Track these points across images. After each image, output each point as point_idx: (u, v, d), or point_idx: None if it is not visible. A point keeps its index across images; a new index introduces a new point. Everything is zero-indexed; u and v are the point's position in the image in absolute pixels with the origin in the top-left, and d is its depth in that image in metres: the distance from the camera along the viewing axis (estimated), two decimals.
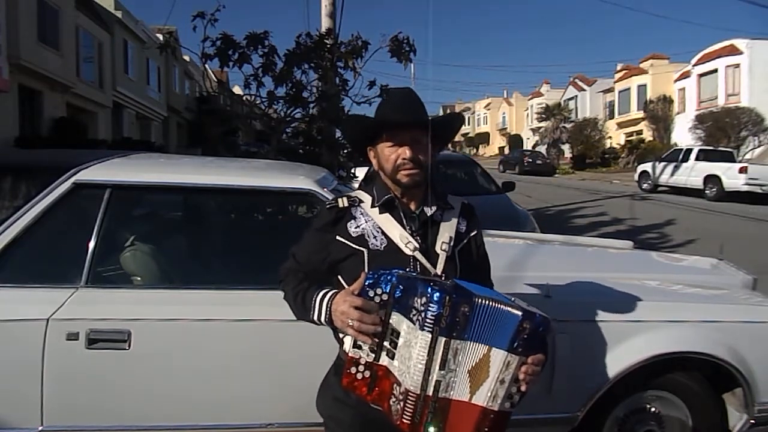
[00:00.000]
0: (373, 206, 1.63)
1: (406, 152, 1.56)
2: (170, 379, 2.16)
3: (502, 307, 1.41)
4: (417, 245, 1.57)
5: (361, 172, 8.54)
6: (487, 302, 1.40)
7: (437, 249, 1.60)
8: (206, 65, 6.05)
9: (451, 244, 1.62)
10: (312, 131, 6.25)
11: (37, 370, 2.06)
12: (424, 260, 1.57)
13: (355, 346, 1.45)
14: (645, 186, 20.03)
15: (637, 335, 2.35)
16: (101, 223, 2.25)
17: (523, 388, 1.44)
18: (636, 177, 20.88)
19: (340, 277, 1.61)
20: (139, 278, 2.41)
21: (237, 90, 15.46)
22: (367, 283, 1.43)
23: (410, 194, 1.63)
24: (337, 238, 1.61)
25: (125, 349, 2.09)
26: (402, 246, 1.57)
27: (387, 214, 1.61)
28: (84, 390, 2.12)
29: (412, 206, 1.64)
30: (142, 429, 2.16)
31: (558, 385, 2.30)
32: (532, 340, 1.40)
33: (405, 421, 1.39)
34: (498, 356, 1.39)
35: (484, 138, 64.47)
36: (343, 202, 1.64)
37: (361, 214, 1.63)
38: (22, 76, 15.31)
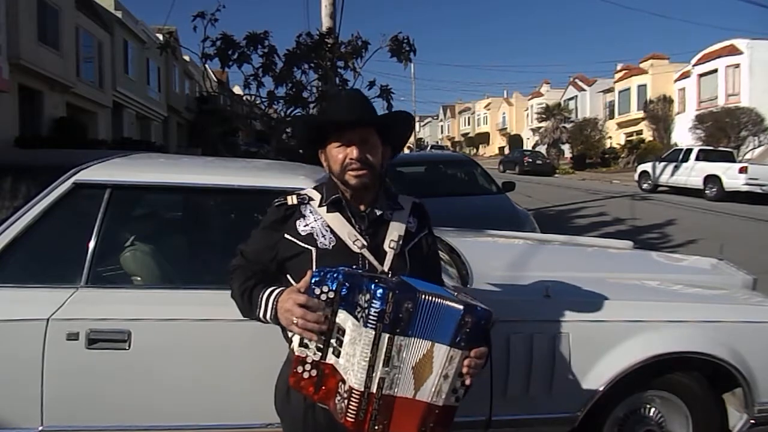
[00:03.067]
0: (320, 205, 1.62)
1: (353, 152, 1.55)
2: (170, 379, 2.15)
3: (444, 302, 1.40)
4: (365, 243, 1.57)
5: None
6: (430, 298, 1.39)
7: (385, 247, 1.59)
8: (206, 65, 6.05)
9: (400, 242, 1.61)
10: None
11: (37, 370, 2.06)
12: (371, 257, 1.56)
13: (302, 344, 1.45)
14: (645, 186, 20.02)
15: (637, 335, 2.35)
16: (101, 223, 2.25)
17: (467, 382, 1.44)
18: (636, 177, 20.86)
19: (288, 276, 1.61)
20: (139, 278, 2.41)
21: (237, 90, 15.46)
22: (313, 281, 1.42)
23: (360, 195, 1.62)
24: (286, 236, 1.60)
25: (125, 349, 2.09)
26: (350, 244, 1.57)
27: (336, 213, 1.61)
28: (84, 390, 2.11)
29: (362, 207, 1.62)
30: (142, 429, 2.16)
31: (558, 385, 2.30)
32: (474, 333, 1.41)
33: (349, 419, 1.39)
34: (441, 351, 1.39)
35: (484, 138, 64.45)
36: (292, 200, 1.64)
37: (311, 212, 1.62)
38: (22, 76, 15.31)
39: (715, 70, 27.76)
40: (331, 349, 1.42)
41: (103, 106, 21.33)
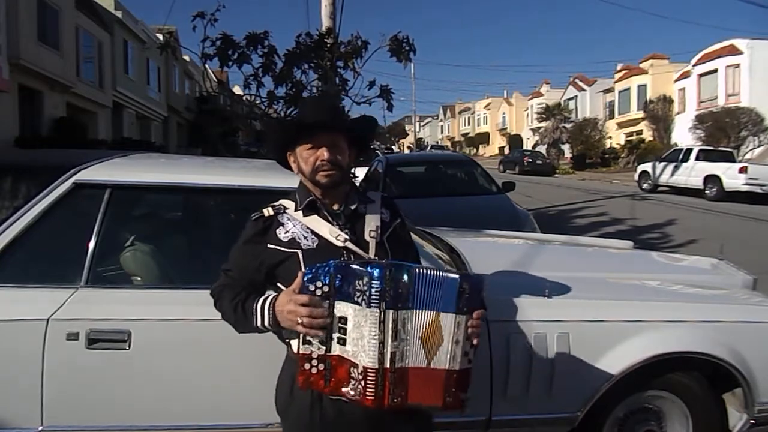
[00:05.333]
0: (296, 210, 1.68)
1: (324, 154, 1.63)
2: (170, 379, 2.16)
3: (440, 273, 1.50)
4: (347, 237, 1.64)
5: (361, 173, 8.53)
6: (424, 271, 1.48)
7: (366, 237, 1.67)
8: (206, 65, 6.04)
9: (379, 231, 1.69)
10: None
11: (37, 370, 2.06)
12: (356, 248, 1.63)
13: (305, 342, 1.49)
14: (645, 186, 20.02)
15: (637, 335, 2.35)
16: (101, 223, 2.25)
17: (474, 342, 1.52)
18: (636, 177, 20.87)
19: (279, 284, 1.65)
20: (139, 278, 2.41)
21: (237, 90, 15.46)
22: (306, 279, 1.47)
23: (331, 195, 1.70)
24: (269, 246, 1.65)
25: (125, 349, 2.09)
26: (333, 240, 1.63)
27: (313, 216, 1.67)
28: (84, 390, 2.12)
29: (335, 207, 1.70)
30: (142, 429, 2.16)
31: (558, 385, 2.30)
32: (472, 298, 1.50)
33: (369, 397, 1.44)
34: (448, 320, 1.47)
35: (484, 138, 64.44)
36: (268, 212, 1.70)
37: (288, 219, 1.68)
38: (22, 76, 15.31)
39: (715, 70, 27.75)
40: (335, 340, 1.47)
41: (103, 106, 21.33)
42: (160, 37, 13.62)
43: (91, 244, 2.22)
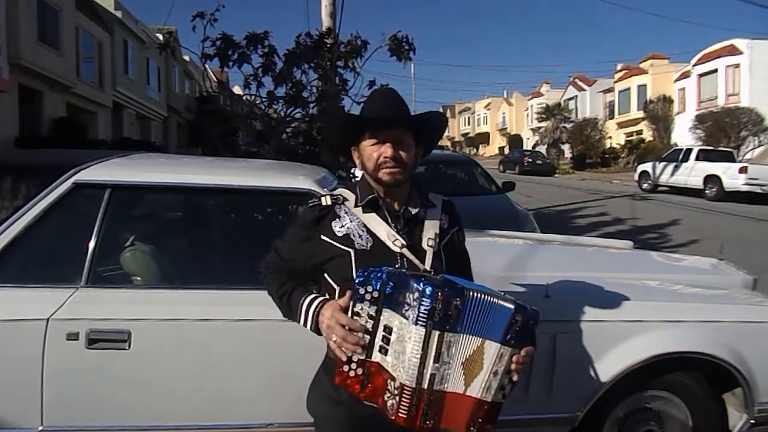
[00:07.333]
0: (356, 205, 1.62)
1: (387, 150, 1.56)
2: (170, 379, 2.16)
3: (494, 300, 1.43)
4: (404, 242, 1.57)
5: (360, 173, 8.54)
6: (478, 295, 1.42)
7: (424, 245, 1.60)
8: (206, 65, 6.04)
9: (437, 240, 1.62)
10: (312, 131, 6.24)
11: (37, 370, 2.06)
12: (412, 257, 1.56)
13: None
14: (645, 186, 20.03)
15: (637, 335, 2.35)
16: (101, 223, 2.25)
17: (515, 378, 1.46)
18: (636, 177, 20.88)
19: (327, 276, 1.61)
20: (139, 278, 2.41)
21: (237, 90, 15.48)
22: (357, 281, 1.43)
23: (393, 194, 1.63)
24: (322, 237, 1.59)
25: (125, 349, 2.09)
26: (389, 244, 1.57)
27: (372, 213, 1.61)
28: (84, 390, 2.12)
29: (396, 206, 1.63)
30: (142, 429, 2.16)
31: (558, 385, 2.30)
32: (523, 332, 1.43)
33: (401, 415, 1.40)
34: (491, 348, 1.42)
35: (484, 138, 64.45)
36: (326, 200, 1.64)
37: (345, 212, 1.62)
38: (22, 76, 15.31)
39: (715, 70, 27.76)
40: (377, 348, 1.43)
41: (103, 106, 21.33)
42: (160, 37, 13.60)
43: (91, 244, 2.22)
